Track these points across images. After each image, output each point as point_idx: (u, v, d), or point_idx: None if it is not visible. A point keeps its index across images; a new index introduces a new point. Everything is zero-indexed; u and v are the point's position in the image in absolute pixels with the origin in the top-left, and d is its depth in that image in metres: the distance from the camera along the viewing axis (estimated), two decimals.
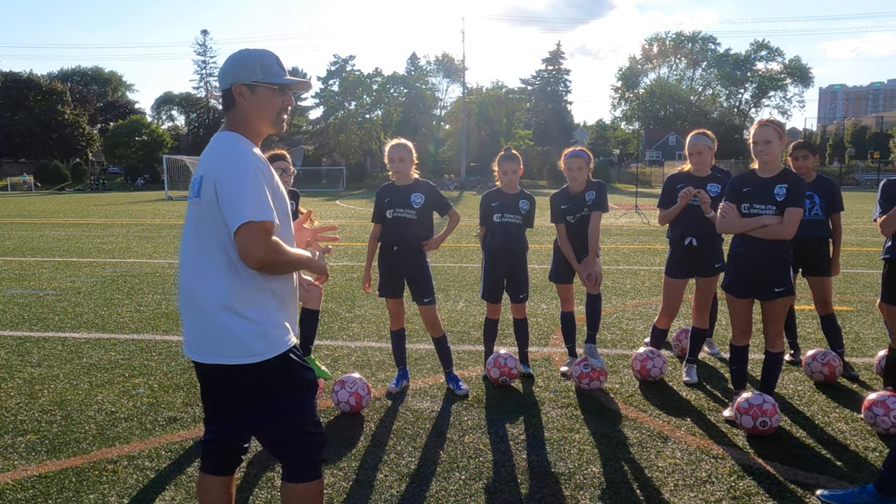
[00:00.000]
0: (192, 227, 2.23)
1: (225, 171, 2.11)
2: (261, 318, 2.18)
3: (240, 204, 2.05)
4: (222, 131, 2.28)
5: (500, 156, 4.94)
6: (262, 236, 2.05)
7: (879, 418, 3.94)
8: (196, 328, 2.24)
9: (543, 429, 4.09)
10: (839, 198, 5.16)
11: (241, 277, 2.16)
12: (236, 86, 2.24)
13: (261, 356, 2.18)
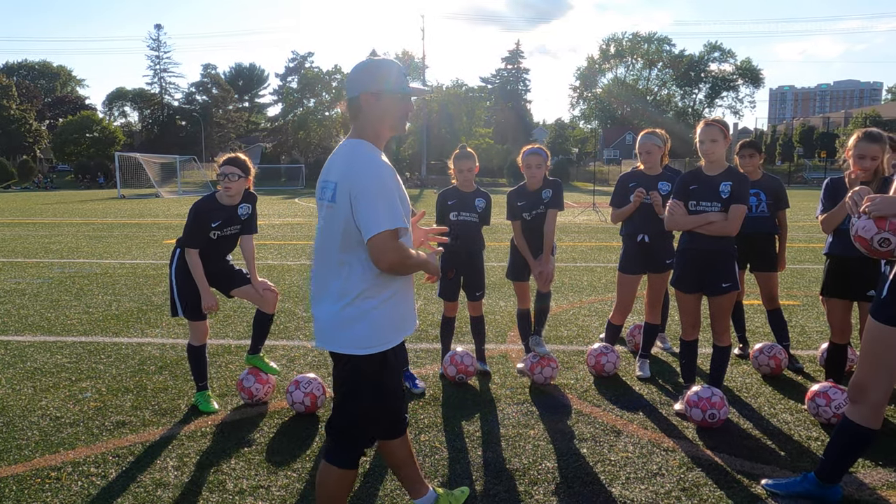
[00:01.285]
0: (326, 226, 2.47)
1: (360, 182, 2.32)
2: (375, 314, 2.42)
3: (374, 214, 2.28)
4: (351, 139, 2.49)
5: (455, 154, 4.95)
6: (392, 243, 2.30)
7: (821, 409, 4.08)
8: (318, 316, 2.50)
9: (499, 425, 4.12)
10: (784, 195, 5.32)
11: (365, 276, 2.39)
12: (364, 94, 2.43)
13: (365, 349, 2.42)
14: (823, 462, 3.14)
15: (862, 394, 2.96)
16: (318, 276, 2.51)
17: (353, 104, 2.46)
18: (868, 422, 2.97)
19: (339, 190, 2.37)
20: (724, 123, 4.16)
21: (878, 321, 2.91)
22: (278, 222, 19.34)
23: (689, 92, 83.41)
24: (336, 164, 2.45)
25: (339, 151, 2.48)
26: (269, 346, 5.82)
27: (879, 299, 2.94)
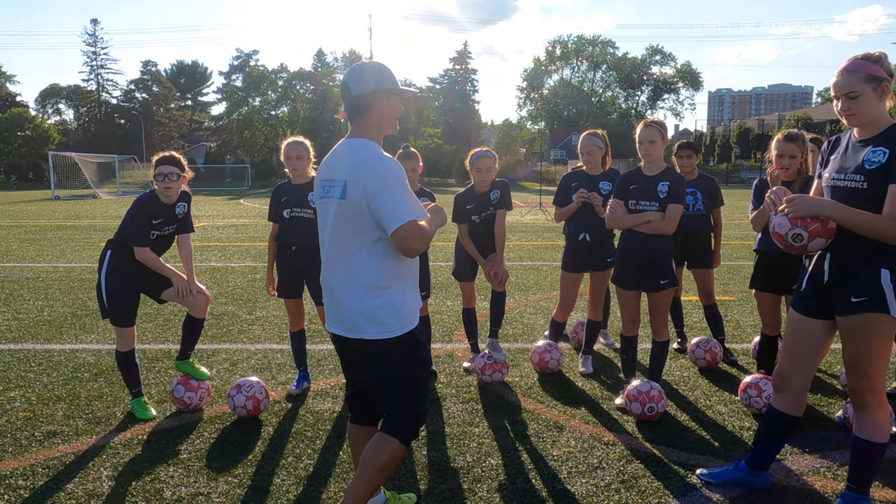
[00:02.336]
0: (336, 222, 2.57)
1: (378, 180, 2.44)
2: (395, 300, 2.56)
3: (398, 207, 2.42)
4: (354, 138, 2.59)
5: (398, 154, 4.93)
6: (418, 231, 2.45)
7: (753, 399, 4.24)
8: (339, 307, 2.61)
9: (444, 424, 4.13)
10: (719, 194, 5.51)
11: (378, 265, 2.53)
12: (379, 91, 2.57)
13: (395, 332, 2.56)
14: (753, 450, 3.27)
15: (785, 383, 3.10)
16: (331, 270, 2.64)
17: (364, 101, 2.56)
18: (792, 409, 3.11)
19: (350, 187, 2.48)
20: (663, 125, 4.28)
21: (798, 312, 3.06)
22: (223, 223, 18.92)
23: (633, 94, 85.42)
24: (342, 162, 2.56)
25: (344, 151, 2.59)
26: (211, 349, 5.70)
27: (799, 292, 3.08)
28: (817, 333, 3.01)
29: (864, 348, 2.84)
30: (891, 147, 2.75)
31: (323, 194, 2.64)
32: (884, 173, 2.74)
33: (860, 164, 2.81)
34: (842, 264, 2.88)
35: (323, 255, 2.69)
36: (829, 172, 2.97)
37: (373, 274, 2.53)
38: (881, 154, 2.76)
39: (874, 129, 2.84)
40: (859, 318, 2.82)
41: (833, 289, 2.91)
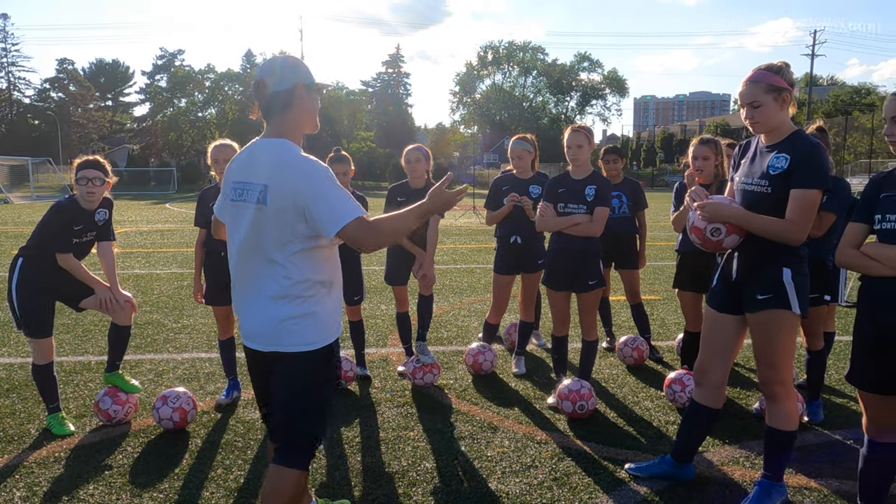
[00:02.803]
0: (252, 229, 2.36)
1: (307, 185, 2.28)
2: (317, 309, 2.39)
3: (335, 209, 2.26)
4: (272, 138, 2.40)
5: (329, 157, 4.89)
6: (365, 226, 2.29)
7: (677, 394, 4.41)
8: (254, 319, 2.43)
9: (379, 429, 4.11)
10: (643, 197, 5.71)
11: (299, 273, 2.35)
12: (299, 85, 2.39)
13: (314, 344, 2.39)
14: (677, 443, 3.40)
15: (704, 377, 3.24)
16: (244, 279, 2.46)
17: (283, 98, 2.38)
18: (711, 402, 3.25)
19: (273, 193, 2.30)
20: (589, 130, 4.40)
21: (712, 309, 3.22)
22: (147, 229, 18.21)
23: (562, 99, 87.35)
24: (261, 165, 2.36)
25: (262, 152, 2.40)
26: (135, 360, 5.48)
27: (712, 289, 3.24)
28: (730, 328, 3.17)
29: (770, 342, 3.01)
30: (792, 153, 2.93)
31: (235, 197, 2.42)
32: (786, 179, 2.92)
33: (765, 169, 2.99)
34: (749, 263, 3.04)
35: (233, 262, 2.49)
36: (740, 176, 3.13)
37: (293, 282, 2.35)
38: (783, 160, 2.94)
39: (777, 135, 3.02)
40: (765, 315, 2.99)
41: (741, 286, 3.07)
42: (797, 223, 2.88)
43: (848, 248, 2.71)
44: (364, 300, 5.19)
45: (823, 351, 4.35)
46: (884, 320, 2.59)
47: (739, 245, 3.05)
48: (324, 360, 2.43)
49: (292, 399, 2.42)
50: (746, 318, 3.09)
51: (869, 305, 2.65)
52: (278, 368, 2.43)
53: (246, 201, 2.38)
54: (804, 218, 2.89)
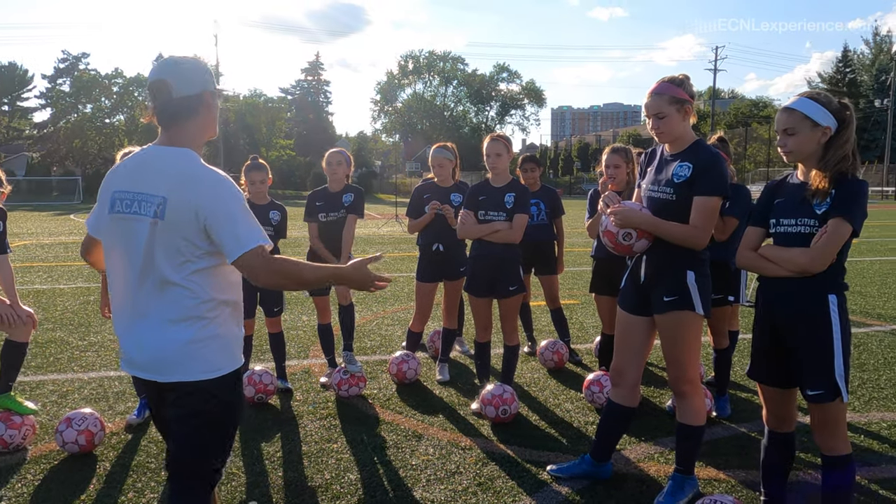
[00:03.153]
0: (147, 245, 2.13)
1: (212, 201, 2.08)
2: (222, 331, 2.18)
3: (239, 232, 2.07)
4: (172, 146, 2.19)
5: (246, 165, 4.78)
6: (265, 258, 2.09)
7: (595, 395, 4.54)
8: (148, 346, 2.16)
9: (301, 443, 4.02)
10: (560, 204, 5.87)
11: (201, 293, 2.13)
12: (207, 93, 2.21)
13: (221, 370, 2.17)
14: (595, 443, 3.50)
15: (620, 377, 3.36)
16: (132, 301, 2.17)
17: (190, 104, 2.17)
18: (627, 401, 3.38)
19: (172, 207, 2.08)
20: (508, 139, 4.49)
21: (624, 311, 3.35)
22: (49, 241, 17.15)
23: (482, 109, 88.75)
24: (160, 175, 2.12)
25: (161, 162, 2.16)
26: (35, 381, 5.14)
27: (622, 291, 3.38)
28: (641, 330, 3.30)
29: (677, 342, 3.16)
30: (694, 162, 3.10)
31: (122, 209, 2.15)
32: (689, 186, 3.08)
33: (670, 177, 3.14)
34: (655, 267, 3.19)
35: (117, 282, 2.21)
36: (646, 184, 3.28)
37: (196, 303, 2.12)
38: (686, 169, 3.10)
39: (680, 145, 3.18)
40: (671, 316, 3.14)
41: (649, 289, 3.21)
42: (700, 229, 3.04)
43: (746, 251, 2.88)
44: (284, 311, 5.08)
45: (729, 349, 4.60)
46: (780, 319, 2.76)
47: (647, 249, 3.19)
48: (231, 387, 2.23)
49: (195, 433, 2.17)
50: (655, 320, 3.23)
51: (766, 305, 2.82)
52: (180, 400, 2.16)
53: (138, 214, 2.13)
54: (706, 224, 3.05)
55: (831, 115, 2.67)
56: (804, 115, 2.68)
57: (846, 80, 63.01)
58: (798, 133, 2.69)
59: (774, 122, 2.81)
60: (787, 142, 2.73)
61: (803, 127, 2.68)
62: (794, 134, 2.70)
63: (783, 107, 2.78)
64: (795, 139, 2.70)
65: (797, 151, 2.72)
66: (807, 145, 2.69)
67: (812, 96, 2.72)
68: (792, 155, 2.74)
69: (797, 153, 2.72)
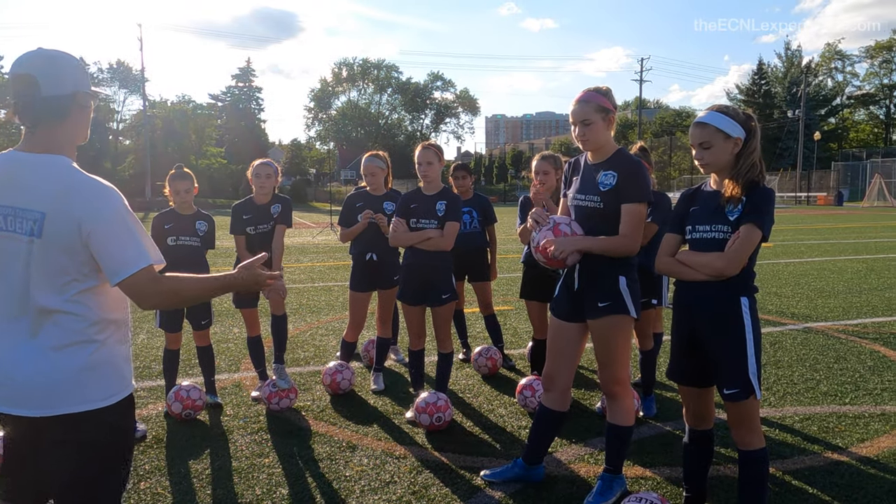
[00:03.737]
0: (25, 265, 1.92)
1: (101, 214, 1.90)
2: (113, 353, 2.01)
3: (131, 250, 1.92)
4: (47, 154, 1.95)
5: (170, 174, 4.64)
6: (153, 279, 1.95)
7: (528, 399, 4.62)
8: (24, 378, 1.91)
9: (231, 459, 3.92)
10: (492, 212, 5.95)
11: (87, 313, 1.95)
12: (80, 93, 1.99)
13: (115, 395, 1.99)
14: (528, 447, 3.56)
15: (551, 382, 3.44)
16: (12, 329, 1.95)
17: (62, 105, 1.95)
18: (558, 405, 3.45)
19: (51, 222, 1.88)
20: (439, 147, 4.53)
21: (556, 317, 3.43)
22: None
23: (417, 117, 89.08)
24: (36, 187, 1.90)
25: (33, 171, 1.92)
26: None
27: (555, 299, 3.46)
28: (573, 336, 3.38)
29: (609, 345, 3.26)
30: (618, 170, 3.21)
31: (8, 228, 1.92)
32: (615, 194, 3.19)
33: (596, 185, 3.24)
34: (589, 274, 3.28)
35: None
36: (572, 192, 3.37)
37: (83, 326, 1.94)
38: (611, 177, 3.21)
39: (604, 154, 3.29)
40: (605, 320, 3.23)
41: (583, 296, 3.30)
42: (630, 236, 3.15)
43: (664, 257, 3.00)
44: (213, 323, 4.95)
45: (654, 350, 4.77)
46: (696, 321, 2.89)
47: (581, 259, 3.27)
48: (125, 414, 2.04)
49: (90, 471, 1.95)
50: (588, 325, 3.32)
51: (682, 308, 2.95)
52: (69, 434, 1.93)
53: (12, 232, 1.92)
54: (635, 230, 3.17)
55: (740, 127, 2.82)
56: (717, 128, 2.81)
57: (762, 91, 66.58)
58: (713, 146, 2.82)
59: (689, 135, 2.95)
60: (703, 155, 2.86)
61: (717, 139, 2.82)
62: (710, 147, 2.83)
63: (696, 121, 2.90)
64: (711, 152, 2.83)
65: (713, 163, 2.85)
66: (721, 156, 2.83)
67: (721, 109, 2.87)
68: (709, 167, 2.87)
69: (713, 164, 2.86)
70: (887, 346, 6.48)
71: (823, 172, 54.78)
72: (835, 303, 8.86)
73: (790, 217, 31.18)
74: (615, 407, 3.36)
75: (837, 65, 70.99)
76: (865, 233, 21.39)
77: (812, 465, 3.79)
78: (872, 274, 11.68)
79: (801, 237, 19.87)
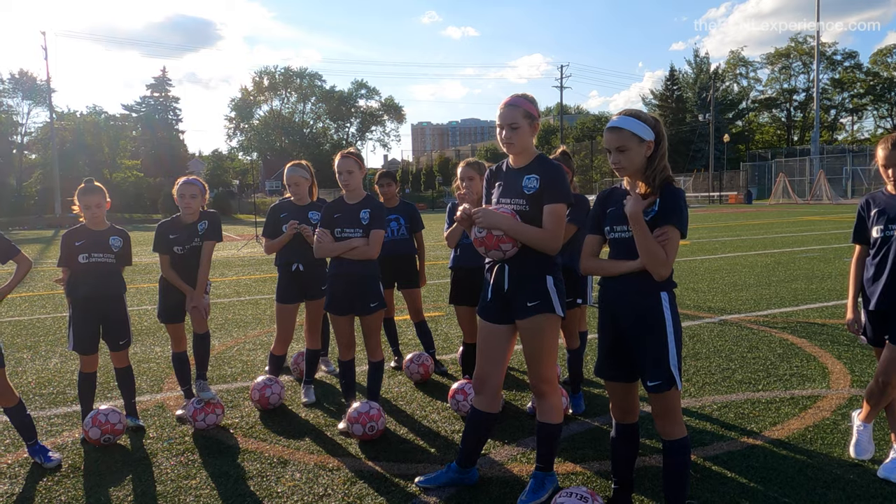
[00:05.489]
0: None
1: None
2: None
3: None
4: None
5: (79, 189, 4.42)
6: None
7: (461, 403, 4.65)
8: None
9: (156, 483, 3.76)
10: (419, 218, 5.97)
11: None
12: None
13: None
14: (461, 450, 3.58)
15: (482, 384, 3.47)
16: None
17: None
18: (490, 408, 3.49)
19: None
20: (359, 155, 4.51)
21: (485, 320, 3.47)
22: None
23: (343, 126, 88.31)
24: None
25: None
26: None
27: (484, 302, 3.50)
28: (503, 337, 3.43)
29: (538, 344, 3.33)
30: (541, 174, 3.30)
31: None
32: (539, 197, 3.27)
33: (520, 189, 3.31)
34: (517, 276, 3.34)
35: None
36: (497, 197, 3.43)
37: None
38: (535, 180, 3.30)
39: (526, 158, 3.38)
40: (534, 319, 3.30)
41: (512, 296, 3.35)
42: (553, 233, 3.23)
43: (588, 257, 3.10)
44: (132, 343, 4.74)
45: (580, 349, 4.90)
46: (620, 318, 2.98)
47: (508, 261, 3.32)
48: None
49: None
50: (517, 325, 3.37)
51: (608, 306, 3.04)
52: None
53: None
54: (557, 229, 3.25)
55: (651, 130, 2.94)
56: (631, 132, 2.91)
57: (674, 96, 69.68)
58: (628, 149, 2.91)
59: (604, 140, 3.04)
60: (619, 159, 2.93)
61: (632, 143, 2.91)
62: (625, 150, 2.91)
63: (610, 126, 2.98)
64: (626, 155, 2.92)
65: (629, 166, 2.94)
66: (636, 159, 2.93)
67: (632, 114, 2.98)
68: (624, 170, 2.97)
69: (629, 168, 2.95)
70: (794, 335, 6.89)
71: (733, 173, 57.85)
72: (747, 295, 9.36)
73: (704, 216, 32.71)
74: (544, 405, 3.43)
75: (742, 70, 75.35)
76: (773, 228, 22.71)
77: (730, 451, 3.99)
78: (780, 267, 12.41)
79: (715, 234, 20.87)
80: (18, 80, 61.84)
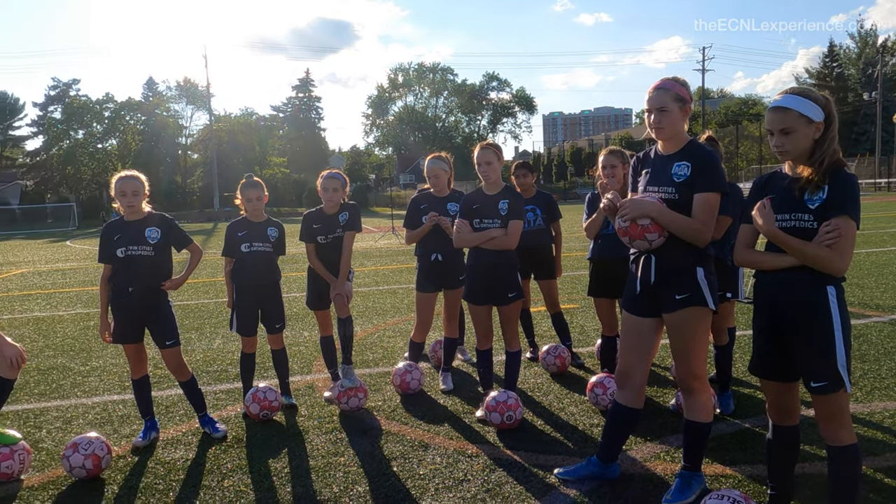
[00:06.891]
0: None
1: None
2: None
3: None
4: None
5: (242, 183, 4.80)
6: None
7: (600, 397, 4.55)
8: None
9: (308, 458, 4.03)
10: (556, 208, 5.90)
11: None
12: None
13: None
14: (602, 445, 3.51)
15: (625, 379, 3.37)
16: None
17: None
18: (633, 403, 3.39)
19: None
20: (497, 146, 4.53)
21: (630, 314, 3.36)
22: (46, 268, 17.14)
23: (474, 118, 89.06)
24: None
25: None
26: (39, 409, 5.14)
27: (629, 295, 3.38)
28: (648, 332, 3.31)
29: (687, 339, 3.18)
30: (692, 161, 3.13)
31: None
32: (690, 185, 3.11)
33: (669, 177, 3.17)
34: (665, 267, 3.20)
35: None
36: (644, 185, 3.30)
37: None
38: (685, 168, 3.14)
39: (676, 144, 3.22)
40: (683, 313, 3.15)
41: (658, 289, 3.22)
42: (704, 223, 3.07)
43: (743, 248, 2.90)
44: (286, 327, 5.09)
45: (728, 345, 4.62)
46: (780, 313, 2.77)
47: (656, 251, 3.19)
48: None
49: None
50: (664, 319, 3.24)
51: (766, 300, 2.84)
52: None
53: None
54: (709, 219, 3.08)
55: (821, 110, 2.70)
56: (799, 112, 2.66)
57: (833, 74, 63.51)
58: (794, 131, 2.67)
59: (766, 121, 2.82)
60: (783, 141, 2.69)
61: (799, 124, 2.66)
62: (791, 133, 2.67)
63: (774, 106, 2.73)
64: (792, 138, 2.67)
65: (793, 150, 2.69)
66: (803, 142, 2.68)
67: (799, 92, 2.73)
68: (788, 154, 2.72)
69: (793, 151, 2.70)
70: None
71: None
72: None
73: (870, 205, 29.61)
74: (693, 403, 3.27)
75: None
76: None
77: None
78: None
79: (882, 225, 18.85)
80: (183, 88, 68.36)
